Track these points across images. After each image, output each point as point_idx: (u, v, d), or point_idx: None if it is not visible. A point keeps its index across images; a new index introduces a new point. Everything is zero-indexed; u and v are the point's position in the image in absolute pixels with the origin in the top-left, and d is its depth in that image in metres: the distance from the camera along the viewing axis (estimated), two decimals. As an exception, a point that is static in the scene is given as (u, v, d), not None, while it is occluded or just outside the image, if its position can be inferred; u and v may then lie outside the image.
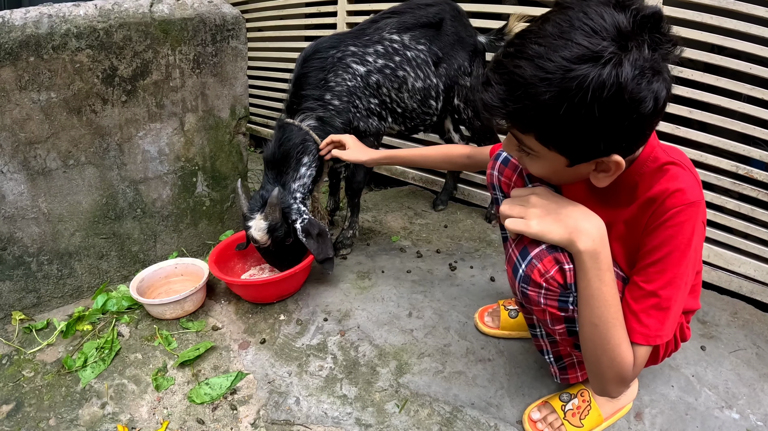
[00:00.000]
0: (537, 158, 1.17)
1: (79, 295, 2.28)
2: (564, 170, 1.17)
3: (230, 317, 2.14)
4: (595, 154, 1.09)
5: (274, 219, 2.06)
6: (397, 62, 2.36)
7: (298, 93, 2.22)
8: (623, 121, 1.00)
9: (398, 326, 2.03)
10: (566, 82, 0.96)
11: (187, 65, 2.31)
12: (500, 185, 1.56)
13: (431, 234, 2.75)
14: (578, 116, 0.98)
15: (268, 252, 2.16)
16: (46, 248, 2.15)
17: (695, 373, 1.82)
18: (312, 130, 2.20)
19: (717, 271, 2.36)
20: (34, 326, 2.08)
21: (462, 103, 2.62)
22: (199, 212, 2.57)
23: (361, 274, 2.35)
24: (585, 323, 1.20)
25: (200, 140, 2.46)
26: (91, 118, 2.11)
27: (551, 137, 1.07)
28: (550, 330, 1.38)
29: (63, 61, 1.99)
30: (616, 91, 0.95)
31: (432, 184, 3.30)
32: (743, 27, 2.12)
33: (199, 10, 2.29)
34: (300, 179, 2.20)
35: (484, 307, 2.06)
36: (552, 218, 1.18)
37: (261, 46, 4.50)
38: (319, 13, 3.81)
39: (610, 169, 1.12)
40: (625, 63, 0.94)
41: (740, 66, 2.16)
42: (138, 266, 2.40)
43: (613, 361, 1.18)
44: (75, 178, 2.15)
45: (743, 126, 2.21)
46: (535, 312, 1.31)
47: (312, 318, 2.09)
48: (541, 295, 1.24)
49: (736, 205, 2.30)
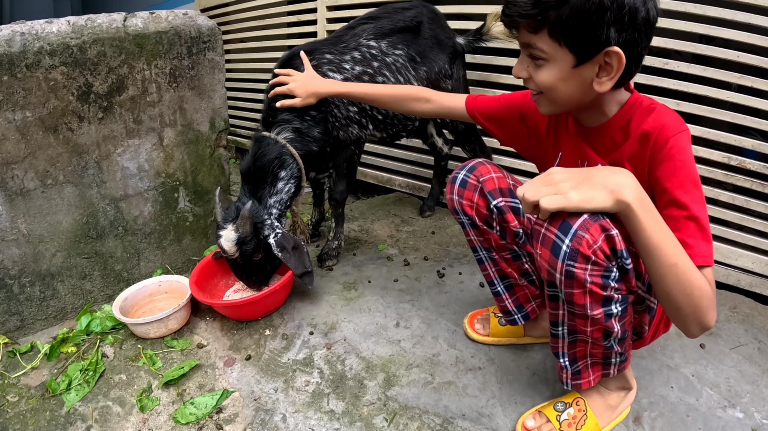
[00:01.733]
0: (546, 64, 1.29)
1: (63, 316, 2.24)
2: (570, 75, 1.27)
3: (215, 334, 2.10)
4: (598, 45, 1.20)
5: (244, 232, 2.02)
6: (376, 68, 2.32)
7: (274, 104, 2.18)
8: (622, 9, 1.16)
9: (385, 337, 1.99)
10: None
11: (164, 79, 2.27)
12: (462, 208, 1.60)
13: (419, 241, 2.73)
14: (588, 3, 1.15)
15: (236, 265, 2.13)
16: (27, 270, 2.11)
17: (695, 372, 1.79)
18: (289, 142, 2.16)
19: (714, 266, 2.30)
20: (18, 350, 2.04)
21: None
22: (182, 228, 2.53)
23: (348, 285, 2.32)
24: (664, 269, 1.15)
25: (180, 155, 2.42)
26: (67, 136, 2.08)
27: (563, 28, 1.20)
28: (581, 323, 1.33)
29: (37, 79, 1.95)
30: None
31: (419, 190, 3.27)
32: (729, 14, 2.11)
33: (173, 23, 2.25)
34: (277, 194, 2.17)
35: (474, 313, 2.03)
36: (587, 185, 1.16)
37: (243, 57, 4.51)
38: (300, 22, 3.80)
39: (613, 67, 1.23)
40: None
41: (727, 54, 2.15)
42: (122, 285, 2.36)
43: (702, 288, 1.14)
44: (54, 198, 2.11)
45: (733, 116, 2.20)
46: (575, 297, 1.25)
47: (298, 332, 2.06)
48: (587, 272, 1.19)
49: (730, 197, 2.28)
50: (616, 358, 1.44)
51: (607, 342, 1.34)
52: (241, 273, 2.17)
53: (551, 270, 1.23)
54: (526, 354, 1.88)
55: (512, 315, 1.77)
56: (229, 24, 4.61)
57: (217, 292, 2.29)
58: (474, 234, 1.66)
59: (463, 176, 1.59)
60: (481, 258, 1.71)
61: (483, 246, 1.68)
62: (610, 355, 1.43)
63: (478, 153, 2.71)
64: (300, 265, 2.08)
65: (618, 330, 1.30)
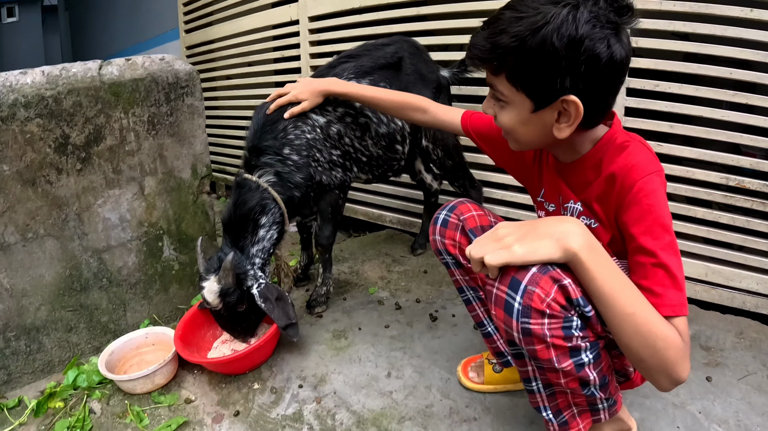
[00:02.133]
0: (506, 107, 1.29)
1: (50, 370, 2.18)
2: (529, 119, 1.27)
3: (203, 388, 2.04)
4: (554, 92, 1.19)
5: (227, 284, 1.98)
6: (358, 108, 2.28)
7: (256, 147, 2.15)
8: (579, 58, 1.13)
9: (377, 388, 1.93)
10: (533, 17, 1.14)
11: (142, 127, 2.24)
12: (446, 248, 1.60)
13: (410, 282, 2.68)
14: (542, 50, 1.14)
15: (221, 316, 2.08)
16: (12, 324, 2.06)
17: (702, 409, 1.73)
18: (271, 186, 2.12)
19: (717, 289, 2.29)
20: (5, 404, 1.99)
21: (431, 144, 2.56)
22: (168, 277, 2.48)
23: (337, 333, 2.27)
24: (618, 319, 1.12)
25: (162, 203, 2.38)
26: (46, 188, 2.04)
27: (519, 74, 1.21)
28: (553, 376, 1.26)
29: (13, 132, 1.92)
30: (573, 28, 1.11)
31: (410, 226, 3.24)
32: (719, 30, 2.09)
33: (150, 69, 2.23)
34: (259, 243, 2.12)
35: (467, 359, 1.98)
36: (531, 236, 1.14)
37: (230, 94, 4.51)
38: (284, 58, 3.80)
39: (571, 115, 1.21)
40: (581, 7, 1.12)
41: (720, 72, 2.13)
42: (109, 336, 2.30)
43: (667, 339, 1.10)
44: (35, 251, 2.07)
45: (729, 135, 2.17)
46: (538, 353, 1.19)
47: (287, 385, 2.00)
48: (545, 326, 1.13)
49: (731, 218, 2.24)
50: (602, 404, 1.37)
51: (586, 390, 1.28)
52: (225, 325, 2.13)
53: (508, 329, 1.18)
54: (523, 401, 1.81)
55: (505, 356, 1.72)
56: (215, 61, 4.63)
57: (205, 344, 2.24)
58: (459, 274, 1.64)
59: (444, 216, 1.60)
60: (469, 299, 1.69)
61: (469, 286, 1.66)
62: (595, 402, 1.36)
63: (467, 188, 2.67)
64: (284, 317, 2.03)
65: (595, 378, 1.24)
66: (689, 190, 2.29)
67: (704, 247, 2.31)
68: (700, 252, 2.32)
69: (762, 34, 2.02)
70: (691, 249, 2.32)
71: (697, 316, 2.24)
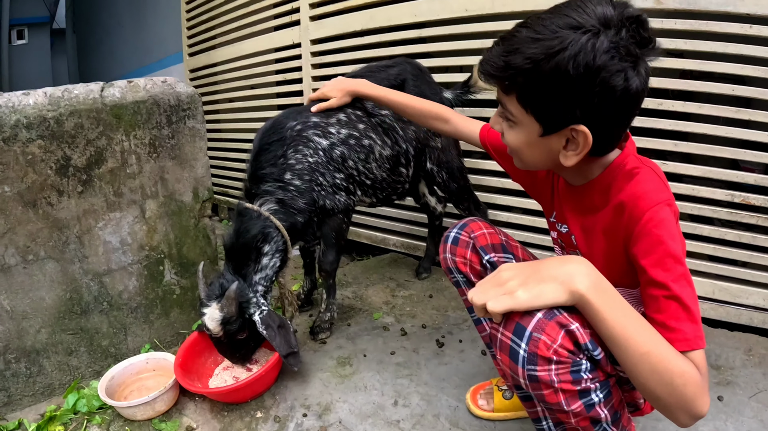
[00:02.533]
0: (515, 126, 1.26)
1: (50, 393, 2.15)
2: (536, 142, 1.24)
3: (205, 416, 2.00)
4: (564, 120, 1.16)
5: (229, 312, 1.95)
6: (362, 130, 2.26)
7: (256, 174, 2.12)
8: (593, 89, 1.09)
9: (383, 417, 1.89)
10: (550, 41, 1.09)
11: (144, 150, 2.22)
12: (457, 266, 1.60)
13: (415, 307, 2.64)
14: (556, 76, 1.09)
15: (220, 342, 2.05)
16: (12, 346, 2.03)
17: (715, 429, 1.71)
18: (273, 214, 2.09)
19: (725, 306, 2.28)
20: (5, 427, 1.97)
21: (435, 167, 2.54)
22: (169, 301, 2.45)
23: (342, 360, 2.22)
24: (634, 359, 1.07)
25: (164, 227, 2.36)
26: (47, 210, 2.02)
27: (530, 97, 1.17)
28: (563, 416, 1.21)
29: (14, 153, 1.91)
30: (591, 57, 1.07)
31: (414, 250, 3.21)
32: (719, 47, 2.10)
33: (152, 92, 2.21)
34: (261, 271, 2.09)
35: (476, 386, 1.93)
36: (535, 279, 1.10)
37: (232, 117, 4.52)
38: (286, 81, 3.82)
39: (579, 144, 1.18)
40: (602, 36, 1.07)
41: (722, 89, 2.13)
42: (110, 360, 2.27)
43: (685, 375, 1.05)
44: (36, 274, 2.04)
45: (733, 152, 2.17)
46: (546, 397, 1.14)
47: (290, 413, 1.95)
48: (553, 372, 1.09)
49: (737, 235, 2.24)
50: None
51: (598, 427, 1.23)
52: (224, 351, 2.10)
53: (514, 376, 1.14)
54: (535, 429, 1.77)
55: None
56: (217, 84, 4.65)
57: (206, 371, 2.20)
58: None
59: (455, 233, 1.60)
60: (479, 319, 1.65)
61: None
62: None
63: (472, 211, 2.65)
64: (285, 345, 2.00)
65: (606, 415, 1.19)
66: (695, 207, 2.29)
67: (711, 265, 2.31)
68: (707, 269, 2.31)
69: (762, 49, 2.03)
70: (698, 267, 2.31)
71: (706, 335, 2.17)
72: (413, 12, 2.89)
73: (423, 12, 2.85)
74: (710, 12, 2.08)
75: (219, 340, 2.03)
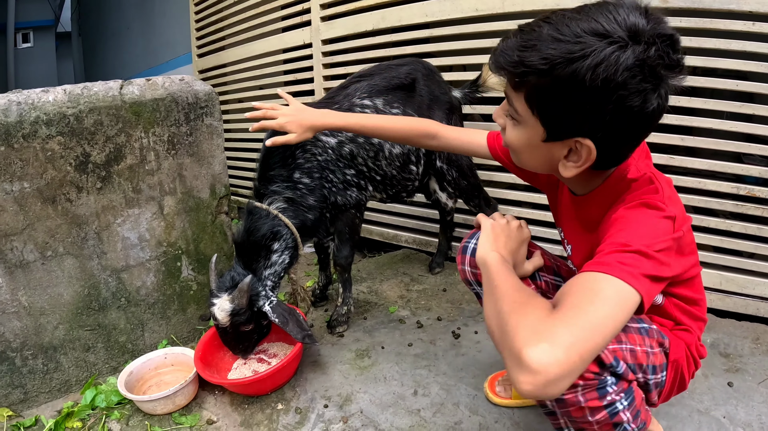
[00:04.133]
0: (518, 125, 1.20)
1: (67, 389, 2.16)
2: (538, 146, 1.18)
3: (225, 409, 2.01)
4: (570, 130, 1.10)
5: (240, 304, 1.97)
6: None
7: (265, 174, 2.14)
8: (607, 105, 1.02)
9: (404, 407, 1.90)
10: (572, 44, 1.01)
11: (162, 147, 2.24)
12: (476, 279, 1.51)
13: (430, 300, 2.66)
14: (570, 83, 1.02)
15: (224, 332, 2.06)
16: (29, 342, 2.05)
17: (726, 414, 1.72)
18: (282, 212, 2.11)
19: (731, 297, 2.30)
20: (22, 423, 1.97)
21: (445, 165, 2.55)
22: (186, 297, 2.46)
23: (360, 353, 2.24)
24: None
25: (181, 223, 2.37)
26: (66, 207, 2.04)
27: (539, 99, 1.10)
28: (586, 425, 1.22)
29: (34, 150, 1.93)
30: (612, 71, 0.99)
31: (426, 245, 3.23)
32: (723, 44, 2.12)
33: (170, 90, 2.23)
34: (271, 267, 2.12)
35: (494, 375, 1.95)
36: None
37: (242, 118, 4.55)
38: (297, 81, 3.83)
39: (581, 157, 1.13)
40: (628, 50, 0.99)
41: (726, 85, 2.15)
42: (127, 356, 2.29)
43: (525, 304, 1.02)
44: (54, 270, 2.06)
45: (738, 145, 2.19)
46: (572, 413, 1.17)
47: (311, 405, 1.96)
48: (579, 394, 1.12)
49: (743, 227, 2.25)
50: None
51: (619, 428, 1.24)
52: (228, 341, 2.11)
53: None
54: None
55: None
56: (227, 85, 4.67)
57: (224, 365, 2.21)
58: None
59: (474, 245, 1.51)
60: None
61: None
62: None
63: (483, 207, 2.66)
64: (298, 329, 2.02)
65: (628, 417, 1.21)
66: (701, 200, 2.31)
67: (717, 256, 2.33)
68: (714, 261, 2.33)
69: (764, 46, 2.05)
70: (705, 259, 2.32)
71: (714, 324, 2.24)
72: (424, 12, 2.90)
73: (434, 12, 2.87)
74: (714, 10, 2.10)
75: (224, 330, 2.05)
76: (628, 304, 0.99)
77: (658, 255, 1.04)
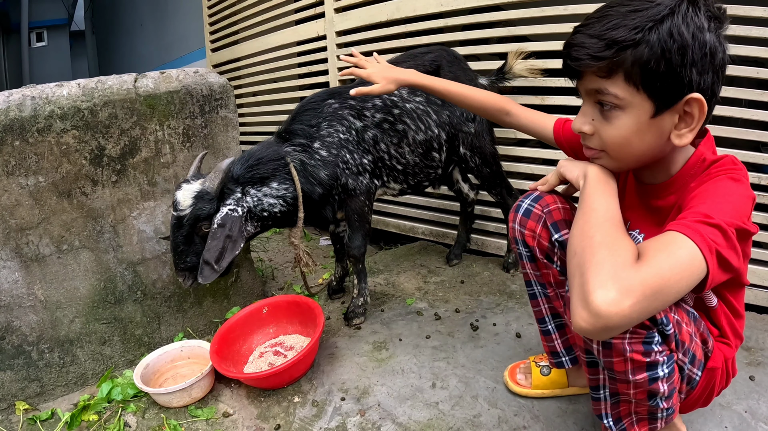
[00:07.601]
0: (620, 114, 1.17)
1: (83, 382, 2.16)
2: (647, 126, 1.16)
3: (241, 401, 2.00)
4: (679, 91, 1.10)
5: (209, 187, 1.93)
6: (396, 115, 2.28)
7: (291, 126, 2.16)
8: (702, 51, 1.07)
9: (422, 399, 1.88)
10: (652, 8, 1.07)
11: (177, 139, 2.23)
12: (524, 239, 1.50)
13: (448, 292, 2.63)
14: (670, 43, 1.06)
15: (177, 225, 1.98)
16: (45, 336, 2.05)
17: (748, 408, 1.68)
18: (293, 166, 2.11)
19: (753, 290, 2.25)
20: (38, 417, 1.97)
21: (468, 151, 2.53)
22: (202, 290, 2.45)
23: (378, 345, 2.22)
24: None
25: (197, 215, 2.35)
26: (81, 200, 2.03)
27: (642, 71, 1.09)
28: (623, 386, 1.23)
29: (49, 144, 1.92)
30: (699, 20, 1.06)
31: (443, 237, 3.20)
32: (743, 31, 2.07)
33: (184, 82, 2.22)
34: (260, 192, 2.08)
35: (514, 364, 1.93)
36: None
37: (256, 111, 4.54)
38: (311, 73, 3.82)
39: (693, 117, 1.13)
40: (693, 3, 1.07)
41: (747, 72, 2.11)
42: (143, 349, 2.28)
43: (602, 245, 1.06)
44: (70, 263, 2.06)
45: (757, 134, 2.15)
46: (615, 365, 1.17)
47: (328, 398, 1.95)
48: (626, 341, 1.11)
49: (764, 218, 2.20)
50: (662, 413, 1.32)
51: (652, 401, 1.24)
52: (176, 240, 2.01)
53: (587, 340, 1.16)
54: (572, 408, 1.76)
55: (560, 357, 1.67)
56: (241, 78, 4.66)
57: (241, 358, 2.19)
58: (531, 268, 1.56)
59: (528, 205, 1.49)
60: (535, 293, 1.61)
61: (539, 281, 1.58)
62: (656, 411, 1.31)
63: (504, 196, 2.64)
64: (213, 252, 1.95)
65: (665, 390, 1.20)
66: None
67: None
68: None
69: None
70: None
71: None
72: (439, 2, 2.87)
73: (449, 1, 2.84)
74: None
75: (179, 223, 1.97)
76: (695, 273, 1.01)
77: (734, 238, 1.06)
